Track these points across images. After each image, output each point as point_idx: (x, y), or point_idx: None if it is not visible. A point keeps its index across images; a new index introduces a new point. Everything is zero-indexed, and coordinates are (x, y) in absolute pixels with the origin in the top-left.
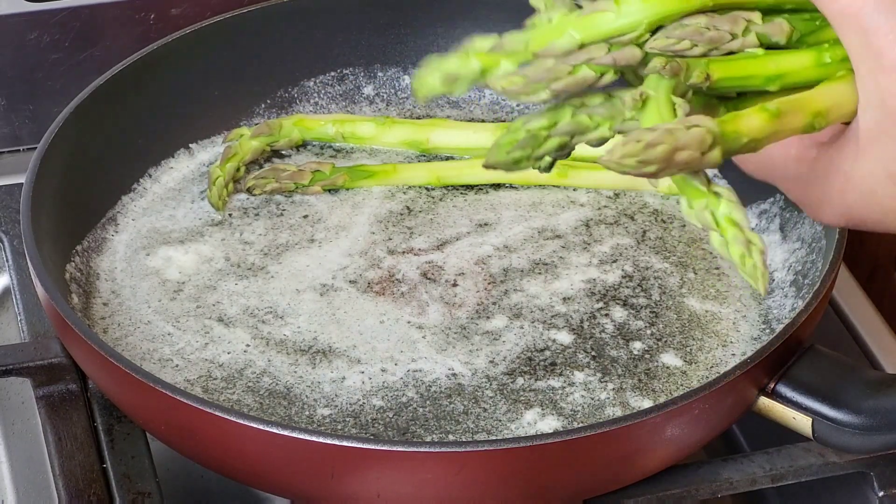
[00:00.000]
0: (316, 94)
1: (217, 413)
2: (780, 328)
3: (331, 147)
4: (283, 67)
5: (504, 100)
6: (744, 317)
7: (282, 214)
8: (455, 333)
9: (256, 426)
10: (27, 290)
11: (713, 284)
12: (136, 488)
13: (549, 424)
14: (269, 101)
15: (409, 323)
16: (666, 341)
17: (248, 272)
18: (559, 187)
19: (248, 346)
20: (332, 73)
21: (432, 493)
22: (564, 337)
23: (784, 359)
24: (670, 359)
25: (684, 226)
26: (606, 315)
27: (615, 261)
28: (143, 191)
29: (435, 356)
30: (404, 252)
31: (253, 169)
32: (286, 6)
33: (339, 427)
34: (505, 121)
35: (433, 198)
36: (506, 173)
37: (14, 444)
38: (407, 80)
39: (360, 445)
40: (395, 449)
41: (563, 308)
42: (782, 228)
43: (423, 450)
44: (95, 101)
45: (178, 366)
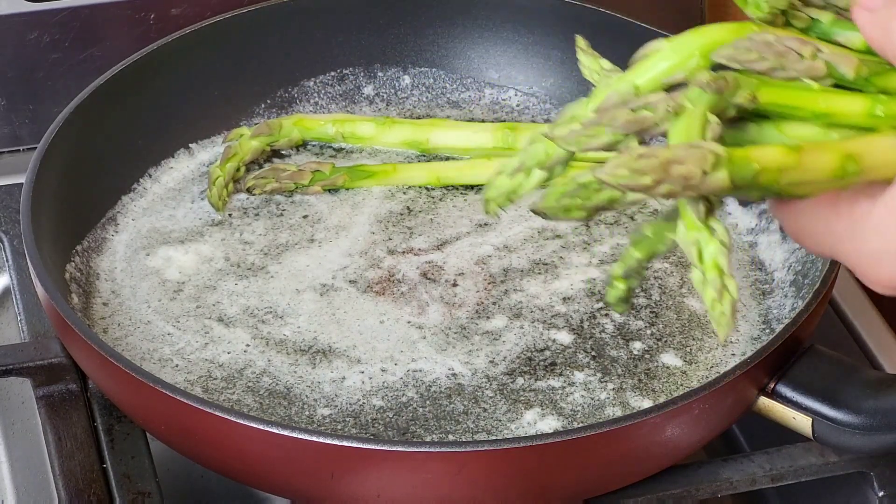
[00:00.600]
0: (316, 94)
1: (217, 413)
2: (780, 328)
3: (331, 147)
4: (283, 67)
5: (504, 100)
6: (744, 317)
7: (282, 214)
8: (455, 333)
9: (256, 426)
10: (27, 290)
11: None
12: (136, 488)
13: (549, 424)
14: (269, 101)
15: (409, 323)
16: (666, 341)
17: (248, 272)
18: None
19: (248, 346)
20: (332, 73)
21: (432, 493)
22: (564, 337)
23: (784, 359)
24: (670, 359)
25: None
26: (606, 315)
27: (615, 261)
28: (143, 191)
29: (435, 356)
30: (404, 252)
31: (253, 169)
32: (286, 6)
33: (339, 427)
34: (505, 121)
35: (433, 198)
36: None
37: (14, 444)
38: (407, 79)
39: (360, 445)
40: (395, 449)
41: (563, 308)
42: (783, 228)
43: (423, 450)
44: (95, 101)
45: (178, 366)
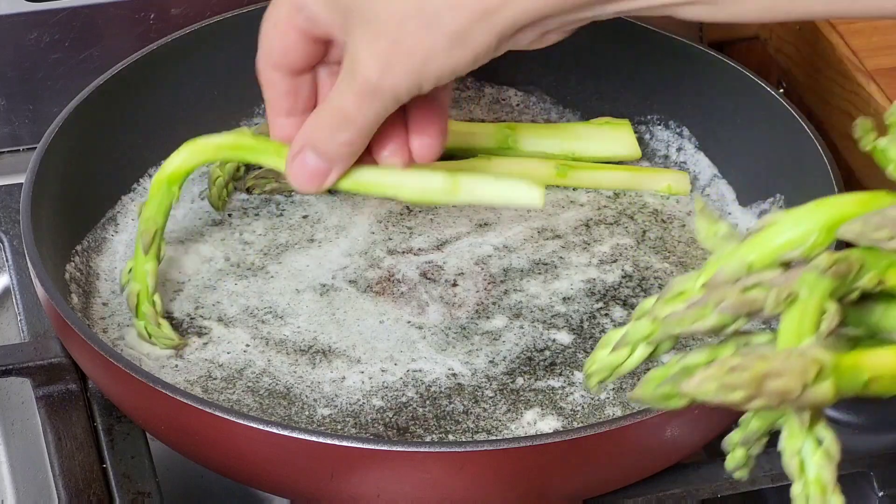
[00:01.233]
0: None
1: (217, 413)
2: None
3: None
4: None
5: (504, 99)
6: None
7: (281, 214)
8: (455, 333)
9: (256, 426)
10: (27, 290)
11: None
12: (136, 488)
13: (549, 424)
14: None
15: (409, 323)
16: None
17: (248, 272)
18: (559, 187)
19: (248, 346)
20: None
21: (432, 493)
22: (564, 337)
23: None
24: (670, 359)
25: (684, 225)
26: (606, 315)
27: (615, 261)
28: (143, 191)
29: (435, 356)
30: (404, 252)
31: (253, 169)
32: None
33: (339, 427)
34: (504, 120)
35: None
36: (506, 174)
37: (14, 444)
38: None
39: (360, 445)
40: (395, 449)
41: (563, 308)
42: None
43: (423, 450)
44: (95, 101)
45: (177, 366)
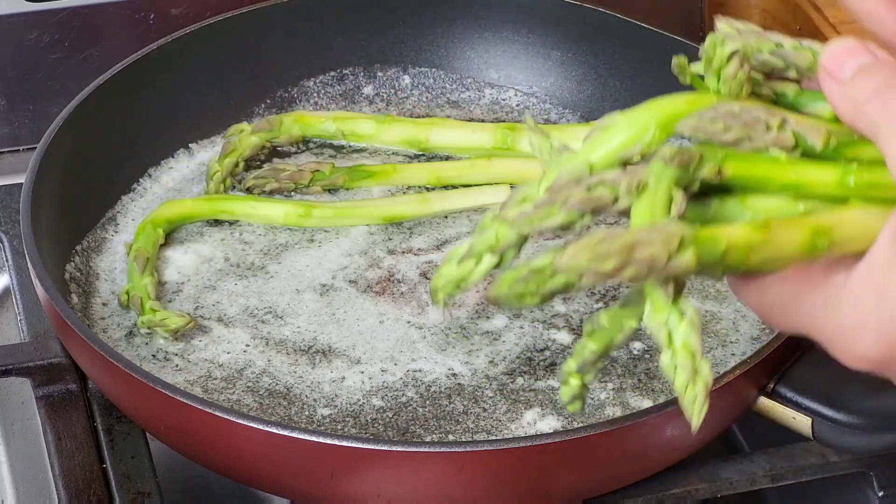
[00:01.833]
0: (316, 94)
1: (217, 413)
2: None
3: (331, 146)
4: (283, 67)
5: (504, 100)
6: (743, 316)
7: None
8: (455, 333)
9: (256, 426)
10: (27, 290)
11: (712, 284)
12: (136, 488)
13: (549, 424)
14: (269, 101)
15: (409, 323)
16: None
17: (248, 272)
18: None
19: (248, 346)
20: (332, 73)
21: (432, 493)
22: (564, 337)
23: (784, 359)
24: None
25: None
26: None
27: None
28: (143, 191)
29: (435, 356)
30: (404, 252)
31: (252, 168)
32: (286, 6)
33: (339, 427)
34: (504, 120)
35: None
36: (505, 174)
37: (14, 444)
38: (407, 79)
39: (360, 445)
40: (395, 449)
41: (563, 308)
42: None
43: (423, 450)
44: (95, 101)
45: (177, 366)
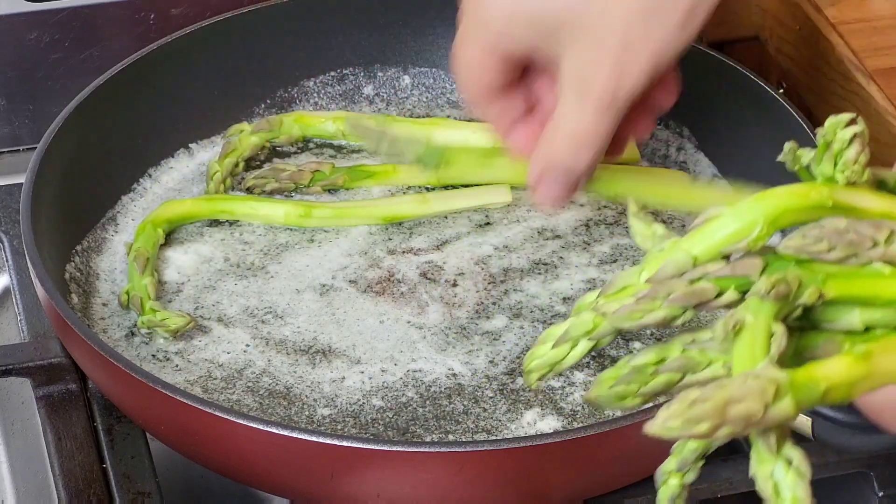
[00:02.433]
0: (316, 94)
1: (217, 413)
2: None
3: (331, 146)
4: (283, 67)
5: None
6: None
7: None
8: (455, 333)
9: (256, 426)
10: (27, 290)
11: None
12: (136, 488)
13: (549, 424)
14: (268, 101)
15: (409, 323)
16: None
17: (248, 272)
18: None
19: (248, 346)
20: (332, 73)
21: (432, 493)
22: None
23: None
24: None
25: (684, 226)
26: None
27: (615, 261)
28: (143, 191)
29: (435, 356)
30: (404, 252)
31: (252, 168)
32: (286, 6)
33: (339, 427)
34: None
35: None
36: (505, 175)
37: (14, 444)
38: (407, 79)
39: (360, 445)
40: (395, 449)
41: (563, 308)
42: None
43: (423, 450)
44: (95, 101)
45: (177, 366)
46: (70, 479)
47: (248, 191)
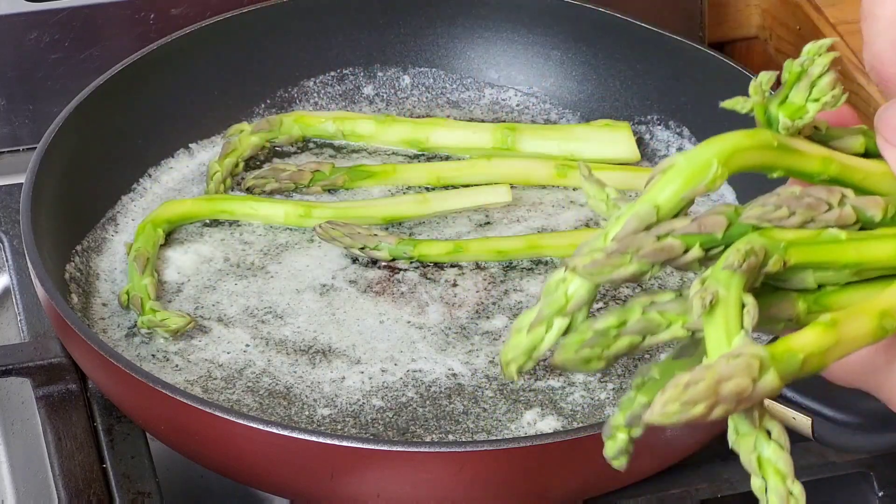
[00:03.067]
0: (316, 94)
1: (217, 413)
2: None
3: (331, 146)
4: (283, 67)
5: (504, 100)
6: None
7: None
8: (455, 333)
9: (256, 426)
10: (27, 290)
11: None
12: (136, 488)
13: (549, 424)
14: (268, 101)
15: (409, 323)
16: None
17: (248, 272)
18: (559, 187)
19: (248, 346)
20: (332, 73)
21: (432, 493)
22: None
23: None
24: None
25: None
26: None
27: None
28: (143, 191)
29: (435, 356)
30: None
31: (252, 168)
32: (286, 6)
33: (339, 427)
34: (504, 121)
35: None
36: (505, 174)
37: (14, 444)
38: (407, 79)
39: (360, 445)
40: (395, 449)
41: None
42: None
43: (423, 450)
44: (95, 101)
45: (177, 366)
46: (70, 479)
47: (248, 191)
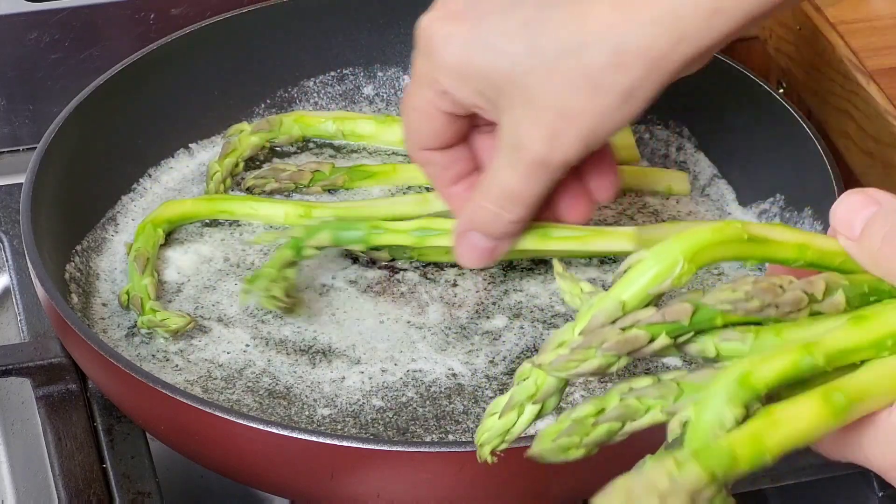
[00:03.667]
0: (316, 94)
1: (217, 413)
2: None
3: (331, 146)
4: (283, 67)
5: None
6: None
7: None
8: (455, 333)
9: (256, 426)
10: (27, 290)
11: (712, 284)
12: (136, 488)
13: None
14: (268, 101)
15: (409, 323)
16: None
17: (248, 272)
18: None
19: (248, 346)
20: (332, 73)
21: (432, 493)
22: None
23: None
24: (670, 359)
25: None
26: None
27: (615, 261)
28: (143, 191)
29: (435, 356)
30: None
31: (252, 168)
32: (286, 6)
33: (339, 427)
34: None
35: None
36: None
37: (14, 444)
38: (407, 79)
39: (360, 445)
40: (395, 449)
41: (563, 308)
42: None
43: (423, 450)
44: (95, 101)
45: (177, 366)
46: (70, 479)
47: (248, 191)
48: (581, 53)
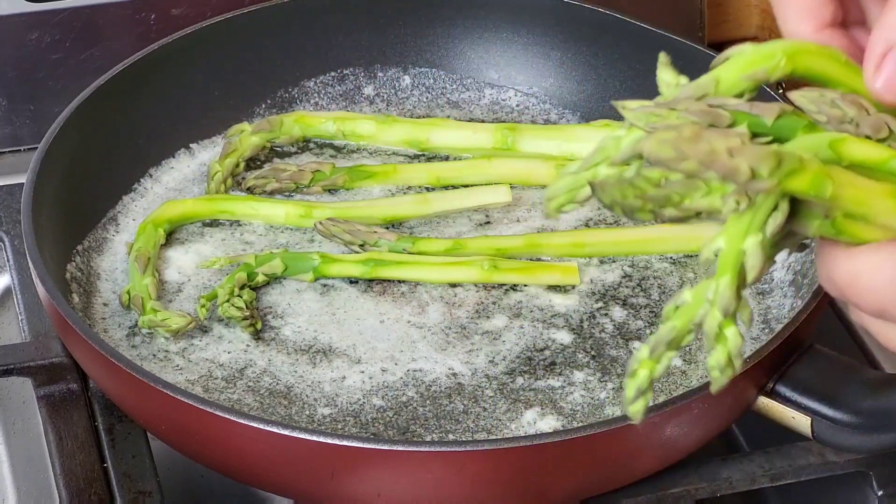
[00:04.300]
0: (316, 95)
1: (217, 413)
2: (779, 328)
3: (331, 146)
4: (283, 67)
5: (504, 100)
6: None
7: None
8: (455, 333)
9: (257, 426)
10: (28, 290)
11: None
12: (137, 488)
13: (549, 424)
14: (269, 101)
15: (409, 322)
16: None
17: None
18: None
19: (249, 345)
20: (333, 73)
21: (432, 493)
22: (564, 336)
23: (783, 359)
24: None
25: None
26: (606, 315)
27: (615, 260)
28: (144, 191)
29: (435, 356)
30: (404, 251)
31: (252, 168)
32: (286, 6)
33: (340, 427)
34: (504, 121)
35: None
36: (505, 174)
37: (15, 443)
38: (407, 80)
39: (361, 445)
40: (395, 449)
41: (563, 308)
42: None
43: (423, 449)
44: (96, 101)
45: (178, 366)
46: (71, 479)
47: (249, 191)
48: None
